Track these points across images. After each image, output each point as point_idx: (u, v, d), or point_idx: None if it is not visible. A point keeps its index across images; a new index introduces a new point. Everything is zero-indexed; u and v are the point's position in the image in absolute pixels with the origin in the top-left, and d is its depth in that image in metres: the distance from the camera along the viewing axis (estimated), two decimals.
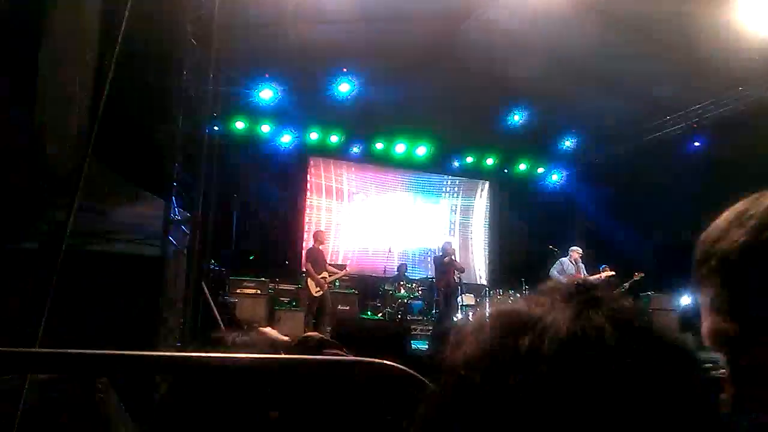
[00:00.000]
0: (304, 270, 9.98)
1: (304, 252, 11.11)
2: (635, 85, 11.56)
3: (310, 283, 9.49)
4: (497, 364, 0.54)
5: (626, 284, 10.69)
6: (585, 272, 10.28)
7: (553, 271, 10.39)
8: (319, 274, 9.48)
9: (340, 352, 1.90)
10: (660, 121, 12.39)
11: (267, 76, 10.73)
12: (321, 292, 9.44)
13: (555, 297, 0.58)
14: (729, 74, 10.52)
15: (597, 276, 10.16)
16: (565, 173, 14.82)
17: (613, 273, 10.39)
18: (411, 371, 1.42)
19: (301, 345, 1.92)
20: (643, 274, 10.61)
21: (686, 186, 11.64)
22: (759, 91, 10.56)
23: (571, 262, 10.32)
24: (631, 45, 10.09)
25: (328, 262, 9.93)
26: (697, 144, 11.48)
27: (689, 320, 11.09)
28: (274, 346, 1.84)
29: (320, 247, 9.89)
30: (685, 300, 11.52)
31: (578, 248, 10.47)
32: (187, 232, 6.89)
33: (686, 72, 10.42)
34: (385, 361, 1.50)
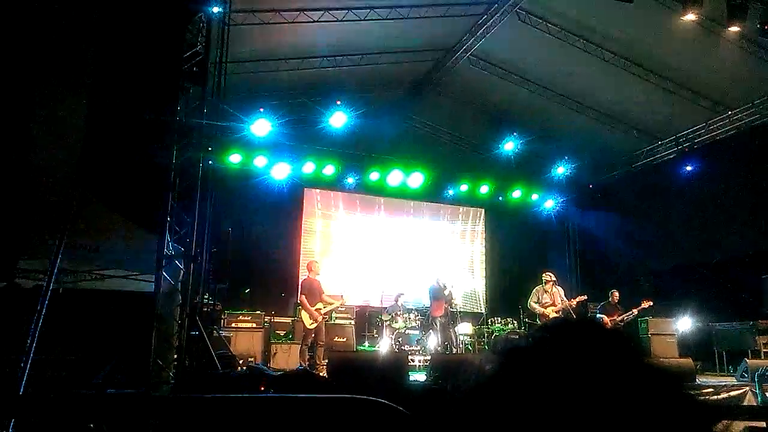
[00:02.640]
0: (299, 302, 9.93)
1: (299, 284, 11.05)
2: (627, 112, 11.73)
3: (304, 315, 9.41)
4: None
5: (634, 310, 10.66)
6: (562, 297, 10.18)
7: (531, 303, 10.37)
8: (314, 306, 9.40)
9: None
10: (652, 146, 12.53)
11: (261, 110, 10.82)
12: (315, 324, 9.36)
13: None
14: (719, 99, 10.69)
15: (571, 301, 10.12)
16: (559, 200, 14.90)
17: (585, 297, 10.39)
18: (400, 409, 1.42)
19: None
20: (651, 303, 10.58)
21: (680, 210, 11.71)
22: (748, 116, 10.71)
23: (545, 290, 10.28)
24: (621, 73, 10.26)
25: (323, 293, 9.86)
26: (689, 168, 11.58)
27: (688, 345, 11.05)
28: None
29: (315, 278, 9.82)
30: (684, 324, 11.48)
31: (549, 273, 10.42)
32: (181, 267, 6.87)
33: (676, 98, 10.58)
34: (375, 399, 1.50)
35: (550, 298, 10.18)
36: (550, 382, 0.63)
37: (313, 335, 9.40)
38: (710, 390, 7.52)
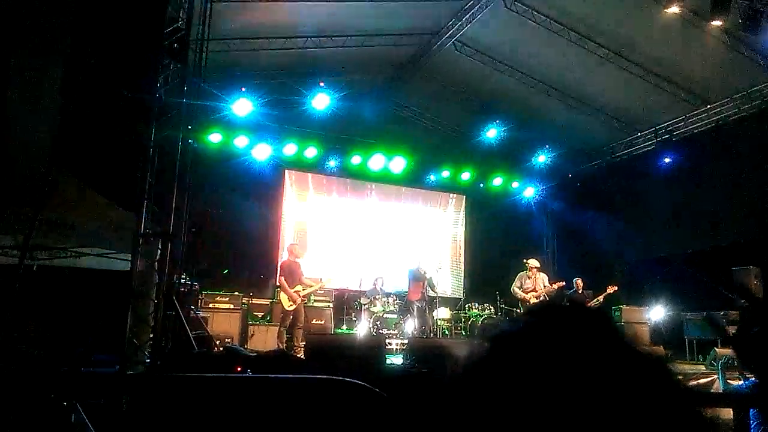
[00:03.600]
0: (278, 284, 9.91)
1: (278, 266, 11.02)
2: (608, 103, 11.82)
3: (283, 297, 9.42)
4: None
5: (600, 297, 10.85)
6: (546, 283, 10.39)
7: (514, 288, 10.54)
8: (293, 288, 9.42)
9: None
10: (631, 137, 12.66)
11: (243, 90, 10.69)
12: (294, 306, 9.37)
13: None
14: (699, 93, 10.81)
15: (550, 287, 10.32)
16: (539, 188, 15.02)
17: (563, 283, 10.58)
18: (376, 390, 1.44)
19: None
20: (616, 288, 10.82)
21: (657, 201, 11.88)
22: (727, 110, 10.86)
23: (528, 276, 10.46)
24: (604, 64, 10.32)
25: (303, 275, 9.86)
26: (667, 160, 11.72)
27: (660, 333, 11.29)
28: None
29: (295, 261, 9.82)
30: (657, 313, 11.70)
31: (534, 260, 10.60)
32: (158, 246, 6.79)
33: (658, 90, 10.68)
34: (352, 380, 1.51)
35: (533, 284, 10.34)
36: (539, 366, 0.63)
37: (291, 317, 9.41)
38: (680, 377, 7.69)
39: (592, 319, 0.71)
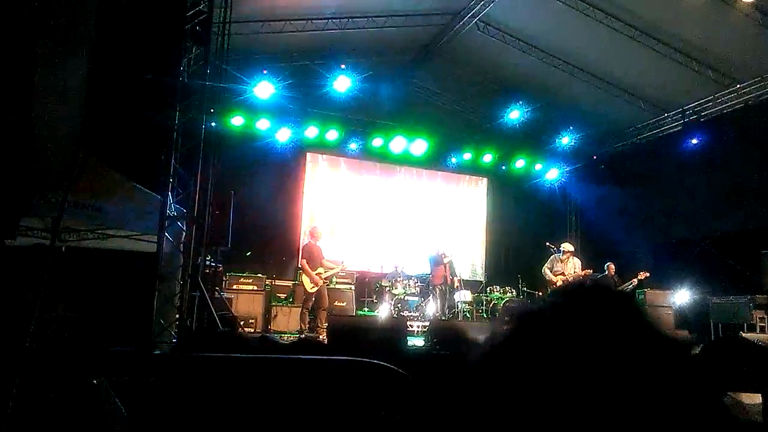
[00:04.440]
0: (300, 266, 9.98)
1: (300, 248, 11.10)
2: (634, 83, 11.57)
3: (305, 279, 9.48)
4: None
5: (632, 283, 10.76)
6: (578, 268, 10.33)
7: (545, 269, 10.50)
8: (315, 271, 9.47)
9: None
10: (658, 118, 12.40)
11: (265, 72, 10.69)
12: (316, 288, 9.44)
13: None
14: (727, 72, 10.52)
15: (578, 273, 10.26)
16: (562, 170, 14.83)
17: (590, 272, 10.55)
18: (400, 371, 1.44)
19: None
20: (648, 274, 10.70)
21: (684, 183, 11.65)
22: (757, 90, 10.56)
23: (560, 259, 10.39)
24: (631, 43, 10.08)
25: (325, 258, 9.91)
26: (694, 142, 11.47)
27: (685, 317, 11.14)
28: None
29: (316, 243, 9.87)
30: (682, 297, 11.54)
31: (568, 244, 10.53)
32: (183, 228, 6.88)
33: (685, 70, 10.42)
34: (377, 362, 1.51)
35: (563, 268, 10.29)
36: (564, 346, 0.63)
37: (313, 299, 9.49)
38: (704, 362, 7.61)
39: (617, 301, 0.70)
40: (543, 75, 11.68)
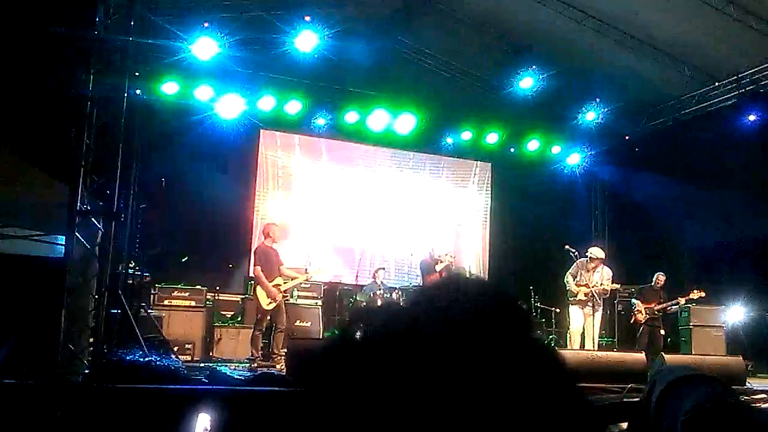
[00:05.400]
0: (253, 275, 9.93)
1: (252, 252, 11.05)
2: (676, 44, 11.68)
3: (260, 292, 9.40)
4: None
5: (681, 300, 10.96)
6: (607, 279, 10.42)
7: (568, 276, 10.61)
8: (272, 281, 9.41)
9: None
10: (706, 88, 12.56)
11: (206, 26, 10.61)
12: (274, 305, 9.40)
13: None
14: None
15: (603, 287, 10.36)
16: (586, 153, 14.95)
17: (618, 286, 10.69)
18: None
19: None
20: (703, 294, 10.86)
21: (739, 169, 11.82)
22: None
23: (587, 267, 10.50)
24: None
25: (284, 264, 9.87)
26: (752, 118, 11.64)
27: (740, 339, 11.32)
28: None
29: (272, 246, 9.80)
30: (736, 314, 11.73)
31: (598, 249, 10.61)
32: (100, 227, 6.81)
33: (742, 28, 10.55)
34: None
35: (588, 278, 10.38)
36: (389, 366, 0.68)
37: (269, 318, 9.46)
38: (764, 396, 7.74)
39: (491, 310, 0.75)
40: (564, 31, 11.75)
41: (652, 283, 11.36)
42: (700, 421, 1.12)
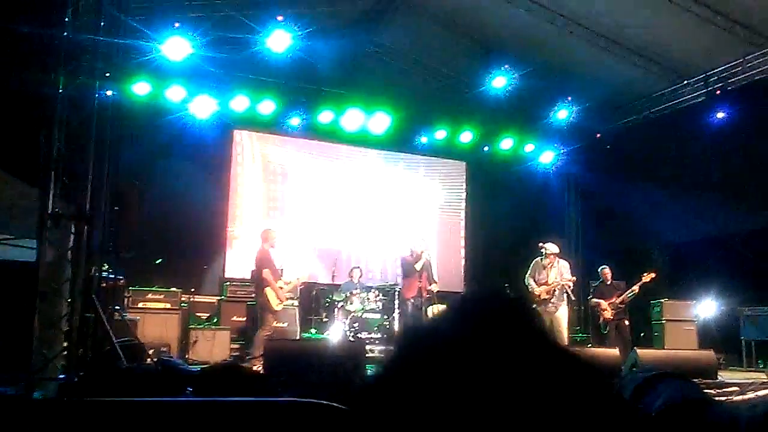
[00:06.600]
0: (262, 279, 9.79)
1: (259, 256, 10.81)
2: (647, 42, 11.80)
3: (270, 294, 9.52)
4: None
5: (635, 288, 10.99)
6: (566, 273, 10.44)
7: (527, 279, 10.66)
8: (277, 284, 9.68)
9: None
10: (676, 86, 12.70)
11: (177, 26, 10.51)
12: (282, 306, 9.73)
13: None
14: (761, 30, 10.84)
15: (564, 281, 10.39)
16: (559, 152, 15.05)
17: (574, 279, 10.69)
18: (341, 407, 1.42)
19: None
20: (653, 275, 10.93)
21: (709, 167, 11.97)
22: None
23: (543, 264, 10.55)
24: None
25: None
26: (720, 115, 11.78)
27: (711, 333, 11.48)
28: None
29: (271, 250, 9.95)
30: (707, 308, 11.89)
31: (551, 245, 10.65)
32: (71, 230, 6.72)
33: (709, 27, 10.69)
34: (323, 402, 1.49)
35: (546, 276, 10.43)
36: (449, 370, 0.71)
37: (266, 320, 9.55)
38: (735, 389, 7.86)
39: (508, 312, 0.80)
40: (536, 31, 11.81)
41: (602, 279, 11.47)
42: (670, 418, 1.15)
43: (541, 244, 10.83)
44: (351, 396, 0.78)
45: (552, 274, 10.44)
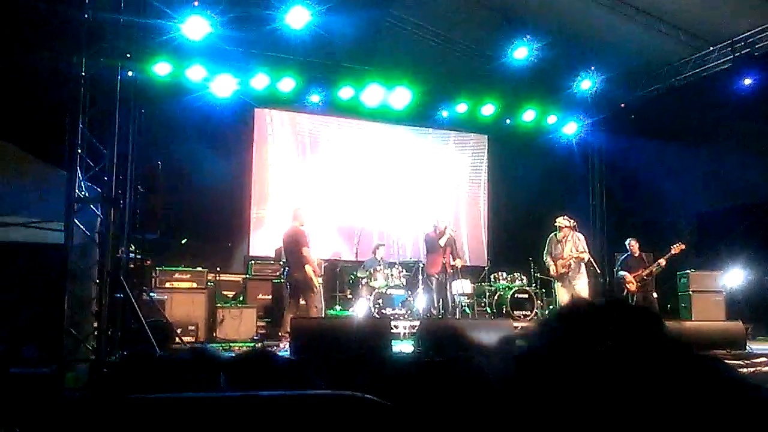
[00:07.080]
0: (300, 256, 9.71)
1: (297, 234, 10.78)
2: (672, 10, 11.59)
3: (311, 273, 9.58)
4: None
5: (662, 261, 10.86)
6: (578, 248, 10.23)
7: (545, 256, 10.53)
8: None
9: None
10: (702, 53, 12.49)
11: (196, 4, 10.47)
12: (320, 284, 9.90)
13: None
14: None
15: (578, 254, 10.19)
16: (583, 123, 14.90)
17: (585, 253, 10.25)
18: (383, 402, 1.41)
19: None
20: (683, 247, 10.79)
21: (736, 134, 11.79)
22: None
23: (557, 239, 10.42)
24: None
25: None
26: (747, 82, 11.59)
27: (738, 304, 11.38)
28: None
29: (302, 228, 10.00)
30: (735, 278, 11.77)
31: (563, 219, 10.46)
32: (98, 212, 6.77)
33: None
34: (352, 393, 1.48)
35: (561, 251, 10.31)
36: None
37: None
38: (764, 359, 7.80)
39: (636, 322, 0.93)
40: (555, 0, 11.66)
41: (629, 252, 11.31)
42: None
43: (559, 217, 10.71)
44: (505, 363, 0.89)
45: (567, 247, 10.29)
